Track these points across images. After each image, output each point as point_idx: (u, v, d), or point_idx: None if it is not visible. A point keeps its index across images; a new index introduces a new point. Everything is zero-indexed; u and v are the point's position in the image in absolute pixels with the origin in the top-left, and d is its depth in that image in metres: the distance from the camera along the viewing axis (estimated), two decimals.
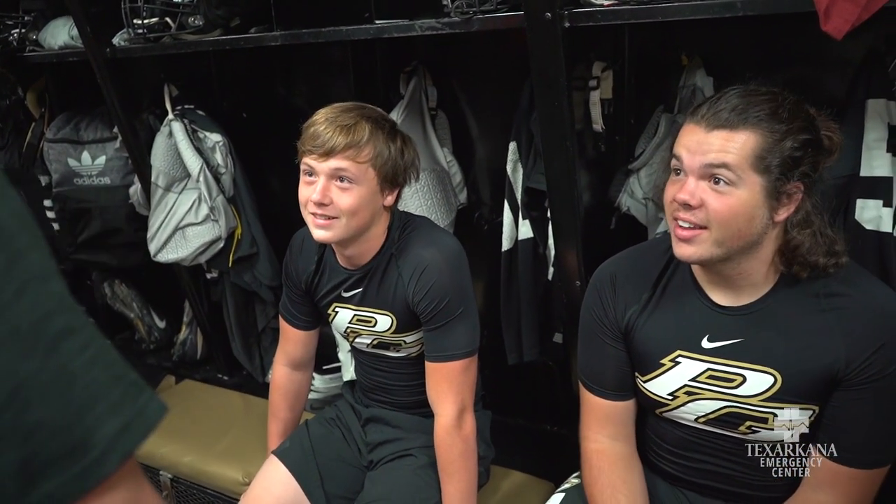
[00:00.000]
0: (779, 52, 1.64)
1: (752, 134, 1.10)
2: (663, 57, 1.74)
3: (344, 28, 1.76)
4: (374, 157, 1.47)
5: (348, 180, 1.46)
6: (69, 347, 0.45)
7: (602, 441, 1.41)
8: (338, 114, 1.48)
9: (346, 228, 1.49)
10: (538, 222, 1.86)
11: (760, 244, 1.17)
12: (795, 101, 1.15)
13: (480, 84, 2.16)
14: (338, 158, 1.44)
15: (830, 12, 1.18)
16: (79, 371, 0.45)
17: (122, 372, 0.48)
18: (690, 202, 1.13)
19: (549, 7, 1.40)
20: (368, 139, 1.45)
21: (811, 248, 1.16)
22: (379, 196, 1.51)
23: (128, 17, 2.02)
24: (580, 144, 1.65)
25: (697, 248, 1.16)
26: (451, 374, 1.55)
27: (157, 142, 2.37)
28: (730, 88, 1.16)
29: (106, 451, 0.45)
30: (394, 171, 1.51)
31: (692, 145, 1.14)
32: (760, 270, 1.21)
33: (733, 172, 1.11)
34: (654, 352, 1.31)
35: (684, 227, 1.16)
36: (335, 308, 1.70)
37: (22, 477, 0.43)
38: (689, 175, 1.15)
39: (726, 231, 1.13)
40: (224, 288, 2.61)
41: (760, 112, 1.11)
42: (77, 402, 0.44)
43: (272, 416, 1.88)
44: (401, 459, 1.70)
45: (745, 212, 1.12)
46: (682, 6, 1.34)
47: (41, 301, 0.44)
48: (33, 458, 0.43)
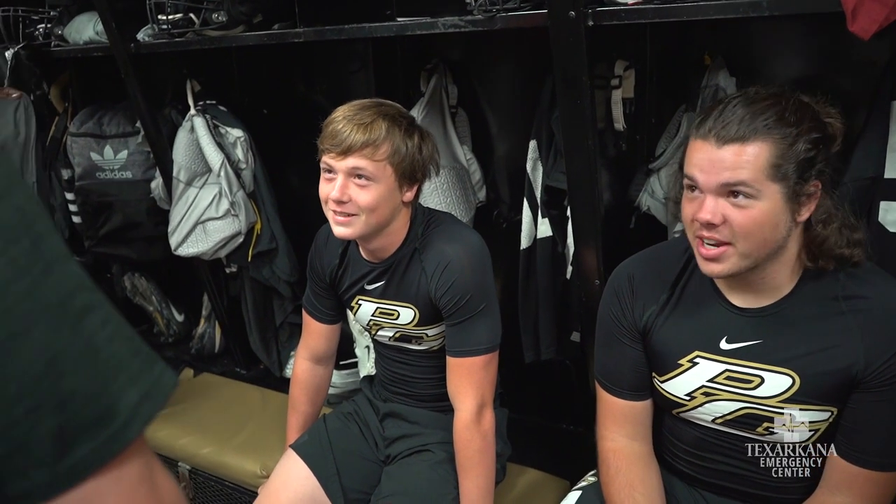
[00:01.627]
0: (803, 52, 1.64)
1: (764, 143, 1.09)
2: (686, 56, 1.74)
3: (367, 25, 1.78)
4: (391, 155, 1.48)
5: (366, 178, 1.47)
6: (92, 322, 0.48)
7: (619, 440, 1.40)
8: (356, 112, 1.49)
9: (365, 225, 1.51)
10: (557, 221, 1.87)
11: (785, 247, 1.16)
12: (798, 101, 1.13)
13: (500, 82, 2.16)
14: (355, 157, 1.45)
15: (858, 12, 1.17)
16: (102, 344, 0.48)
17: (138, 346, 0.51)
18: (713, 221, 1.12)
19: (573, 5, 1.40)
20: (385, 137, 1.46)
21: (837, 240, 1.16)
22: (398, 192, 1.52)
23: (152, 12, 2.04)
24: (601, 143, 1.65)
25: (725, 265, 1.15)
26: (472, 370, 1.56)
27: (178, 137, 2.39)
28: (731, 97, 1.14)
29: (130, 418, 0.48)
30: (412, 167, 1.51)
31: (705, 164, 1.12)
32: (784, 272, 1.20)
33: (751, 187, 1.09)
34: (672, 352, 1.31)
35: (709, 245, 1.15)
36: (358, 301, 1.71)
37: (58, 443, 0.46)
38: (707, 193, 1.13)
39: (752, 243, 1.13)
40: (243, 282, 2.64)
41: (768, 119, 1.09)
42: (103, 373, 0.48)
43: (292, 409, 1.89)
44: (418, 455, 1.70)
45: (769, 221, 1.11)
46: (707, 5, 1.33)
47: (65, 280, 0.47)
48: (68, 425, 0.46)
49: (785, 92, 1.15)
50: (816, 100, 1.17)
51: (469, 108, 2.17)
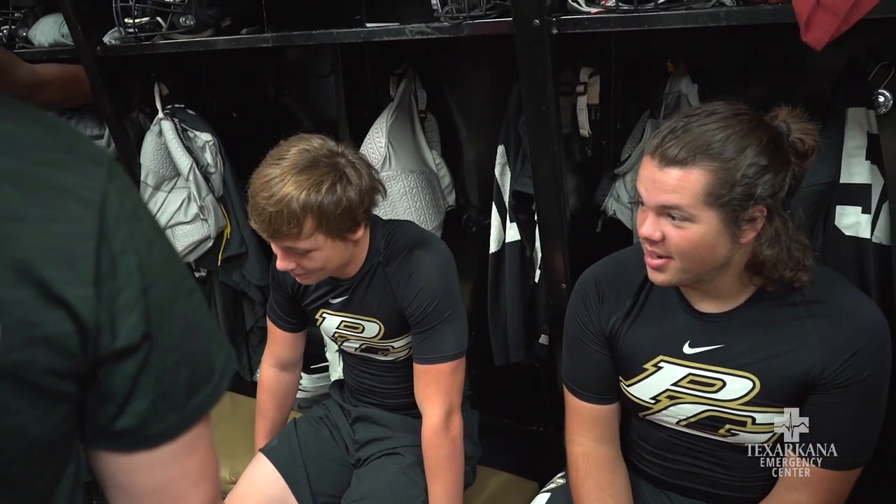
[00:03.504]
0: (763, 60, 1.67)
1: (703, 171, 1.09)
2: (649, 63, 1.76)
3: (335, 31, 1.77)
4: (318, 226, 1.41)
5: (304, 251, 1.45)
6: (197, 300, 0.64)
7: (587, 444, 1.42)
8: (266, 196, 1.39)
9: (322, 274, 1.54)
10: (525, 225, 1.88)
11: (730, 263, 1.18)
12: (751, 122, 1.13)
13: (470, 88, 2.17)
14: (285, 240, 1.43)
15: (811, 24, 1.20)
16: (203, 316, 0.64)
17: (215, 322, 0.71)
18: (653, 237, 1.16)
19: (538, 14, 1.41)
20: (302, 217, 1.38)
21: (777, 264, 1.16)
22: (342, 243, 1.49)
23: (119, 15, 2.01)
24: (567, 149, 1.67)
25: (666, 275, 1.20)
26: (439, 376, 1.57)
27: (146, 140, 2.36)
28: (683, 114, 1.15)
29: (222, 375, 0.65)
30: (347, 218, 1.44)
31: (648, 183, 1.15)
32: (734, 283, 1.23)
33: (686, 211, 1.12)
34: (638, 357, 1.33)
35: (653, 256, 1.20)
36: (322, 314, 1.71)
37: (187, 390, 0.62)
38: (649, 210, 1.17)
39: (689, 260, 1.16)
40: (212, 287, 2.61)
41: (713, 145, 1.09)
42: (206, 339, 0.64)
43: (260, 415, 1.89)
44: (388, 458, 1.71)
45: (704, 243, 1.13)
46: (668, 15, 1.35)
47: (182, 265, 0.64)
48: (193, 377, 0.62)
49: (742, 112, 1.14)
50: (795, 112, 1.18)
51: (438, 113, 2.18)
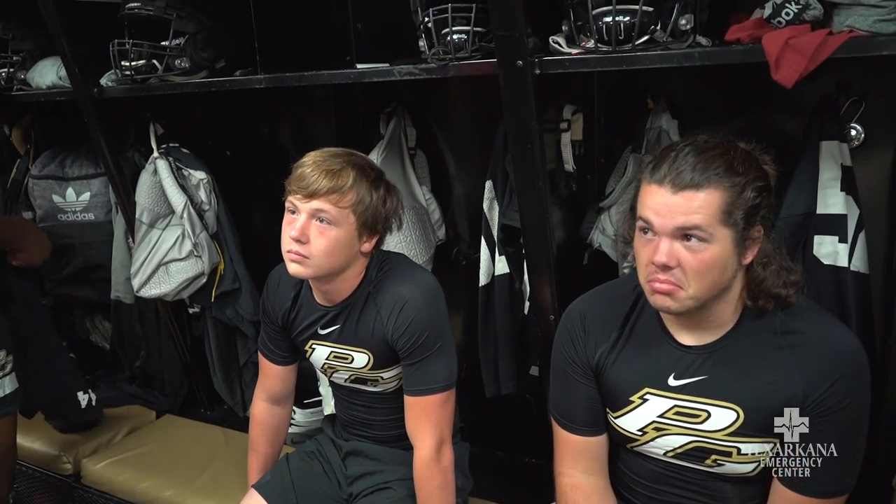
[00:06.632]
0: (739, 97, 1.72)
1: (716, 191, 1.14)
2: (631, 100, 1.82)
3: (326, 72, 1.83)
4: (355, 203, 1.51)
5: (328, 222, 1.50)
6: None
7: (576, 476, 1.43)
8: (325, 158, 1.53)
9: (318, 268, 1.54)
10: (514, 258, 1.90)
11: (731, 288, 1.22)
12: (744, 151, 1.19)
13: (458, 125, 2.22)
14: (320, 200, 1.49)
15: (780, 63, 1.26)
16: None
17: None
18: (669, 264, 1.16)
19: (521, 55, 1.46)
20: (352, 185, 1.50)
21: (774, 281, 1.21)
22: (356, 241, 1.55)
23: (116, 58, 2.08)
24: (553, 183, 1.71)
25: (675, 303, 1.19)
26: (430, 408, 1.58)
27: (141, 179, 2.41)
28: (681, 145, 1.19)
29: None
30: (374, 217, 1.55)
31: (660, 209, 1.16)
32: (728, 310, 1.25)
33: (705, 231, 1.14)
34: (624, 389, 1.34)
35: (663, 283, 1.18)
36: (312, 345, 1.72)
37: None
38: (662, 236, 1.17)
39: (703, 284, 1.17)
40: (206, 323, 2.63)
41: (719, 168, 1.14)
42: None
43: (252, 450, 1.89)
44: (380, 492, 1.71)
45: (719, 264, 1.16)
46: (645, 55, 1.41)
47: None
48: None
49: (730, 142, 1.20)
50: (752, 147, 1.22)
51: (428, 150, 2.23)
